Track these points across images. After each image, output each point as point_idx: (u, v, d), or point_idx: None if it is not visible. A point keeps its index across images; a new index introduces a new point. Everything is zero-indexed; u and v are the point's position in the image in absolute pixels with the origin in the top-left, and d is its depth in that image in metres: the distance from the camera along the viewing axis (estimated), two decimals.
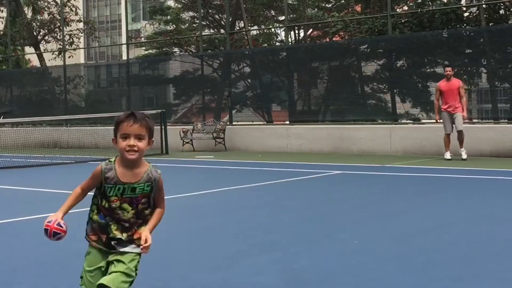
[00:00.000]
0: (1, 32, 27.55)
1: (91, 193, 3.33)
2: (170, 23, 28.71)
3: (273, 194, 8.52)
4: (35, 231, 6.12)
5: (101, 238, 3.19)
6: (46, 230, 3.16)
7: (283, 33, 23.68)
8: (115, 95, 23.43)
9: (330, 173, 10.99)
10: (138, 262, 3.21)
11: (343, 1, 23.84)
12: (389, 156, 14.35)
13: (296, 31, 26.54)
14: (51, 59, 26.46)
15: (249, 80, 20.33)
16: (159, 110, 17.36)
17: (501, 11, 17.84)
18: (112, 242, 3.16)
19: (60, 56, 24.80)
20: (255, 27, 26.86)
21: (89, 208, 3.32)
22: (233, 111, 18.85)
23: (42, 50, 27.40)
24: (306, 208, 7.08)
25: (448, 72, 12.78)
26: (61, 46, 25.04)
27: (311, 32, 26.63)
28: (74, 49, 27.10)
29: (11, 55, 26.85)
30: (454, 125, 12.74)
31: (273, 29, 27.28)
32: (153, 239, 5.54)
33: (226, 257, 4.78)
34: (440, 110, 12.99)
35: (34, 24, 27.06)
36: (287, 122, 17.90)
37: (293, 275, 4.24)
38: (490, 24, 17.15)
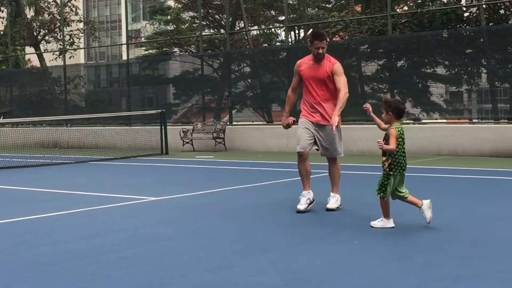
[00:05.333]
0: (1, 32, 27.53)
1: None
2: (170, 23, 28.71)
3: (273, 194, 8.52)
4: (35, 231, 6.13)
5: None
6: None
7: (283, 33, 23.69)
8: (115, 95, 23.42)
9: None
10: None
11: (343, 1, 23.85)
12: None
13: (296, 31, 26.54)
14: (52, 60, 26.47)
15: (249, 80, 20.32)
16: (159, 110, 17.37)
17: (501, 11, 17.83)
18: None
19: (60, 56, 24.80)
20: (255, 27, 26.86)
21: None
22: (233, 111, 18.85)
23: (42, 50, 27.41)
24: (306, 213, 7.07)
25: (319, 50, 6.76)
26: (61, 46, 25.04)
27: (311, 32, 26.62)
28: (75, 49, 27.10)
29: (11, 55, 26.85)
30: (320, 144, 6.99)
31: (273, 29, 27.27)
32: (153, 239, 5.56)
33: (226, 257, 4.78)
34: (299, 110, 7.34)
35: (34, 24, 27.05)
36: None
37: (293, 275, 4.24)
38: (490, 24, 17.15)
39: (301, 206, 6.72)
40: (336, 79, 6.75)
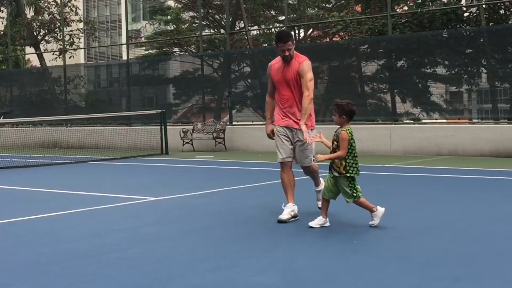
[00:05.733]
0: (1, 32, 27.55)
1: None
2: (170, 23, 28.73)
3: (273, 194, 8.50)
4: (35, 231, 6.13)
5: None
6: None
7: None
8: (115, 95, 23.42)
9: None
10: None
11: (343, 1, 23.85)
12: (389, 156, 14.34)
13: (296, 31, 26.53)
14: (52, 59, 26.47)
15: (249, 80, 20.32)
16: (159, 110, 17.37)
17: (501, 11, 17.84)
18: None
19: (60, 56, 24.81)
20: (255, 27, 26.86)
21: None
22: (233, 111, 18.85)
23: (42, 50, 27.41)
24: (306, 208, 7.07)
25: (285, 52, 6.24)
26: (61, 46, 25.04)
27: (311, 32, 26.64)
28: (75, 49, 27.09)
29: (11, 55, 26.85)
30: (295, 153, 6.45)
31: (273, 29, 27.26)
32: (153, 239, 5.56)
33: (226, 257, 4.78)
34: (274, 117, 6.56)
35: (34, 24, 27.06)
36: None
37: (293, 275, 4.24)
38: (490, 24, 17.15)
39: (284, 216, 6.14)
40: (301, 81, 6.21)
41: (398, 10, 19.81)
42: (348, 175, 5.70)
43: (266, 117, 6.72)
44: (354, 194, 5.72)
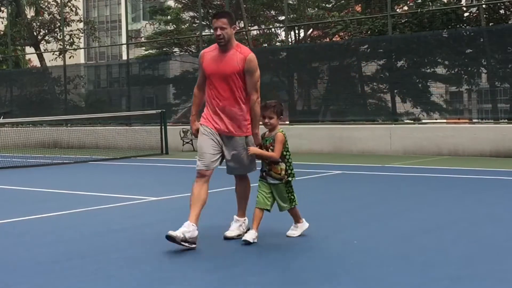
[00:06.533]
0: (1, 32, 27.56)
1: None
2: (170, 23, 28.73)
3: None
4: (35, 231, 6.13)
5: None
6: None
7: (283, 33, 23.70)
8: (115, 95, 23.43)
9: (330, 173, 10.98)
10: None
11: (343, 1, 23.86)
12: (389, 156, 14.35)
13: (296, 31, 26.54)
14: (52, 60, 26.49)
15: None
16: (159, 110, 17.37)
17: (501, 11, 17.84)
18: None
19: (60, 56, 24.82)
20: (255, 27, 26.86)
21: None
22: None
23: (42, 50, 27.41)
24: (305, 208, 7.06)
25: (217, 31, 5.16)
26: (61, 46, 25.05)
27: (311, 32, 26.65)
28: (75, 49, 27.09)
29: (11, 55, 26.86)
30: (226, 160, 5.60)
31: (273, 29, 27.27)
32: (153, 239, 5.56)
33: (225, 257, 4.79)
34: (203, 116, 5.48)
35: (34, 24, 27.07)
36: (287, 122, 17.90)
37: (293, 275, 4.24)
38: (490, 24, 17.15)
39: (176, 232, 4.89)
40: (247, 80, 5.19)
41: (398, 10, 19.82)
42: (289, 179, 5.37)
43: (192, 113, 5.57)
44: (293, 199, 5.41)
